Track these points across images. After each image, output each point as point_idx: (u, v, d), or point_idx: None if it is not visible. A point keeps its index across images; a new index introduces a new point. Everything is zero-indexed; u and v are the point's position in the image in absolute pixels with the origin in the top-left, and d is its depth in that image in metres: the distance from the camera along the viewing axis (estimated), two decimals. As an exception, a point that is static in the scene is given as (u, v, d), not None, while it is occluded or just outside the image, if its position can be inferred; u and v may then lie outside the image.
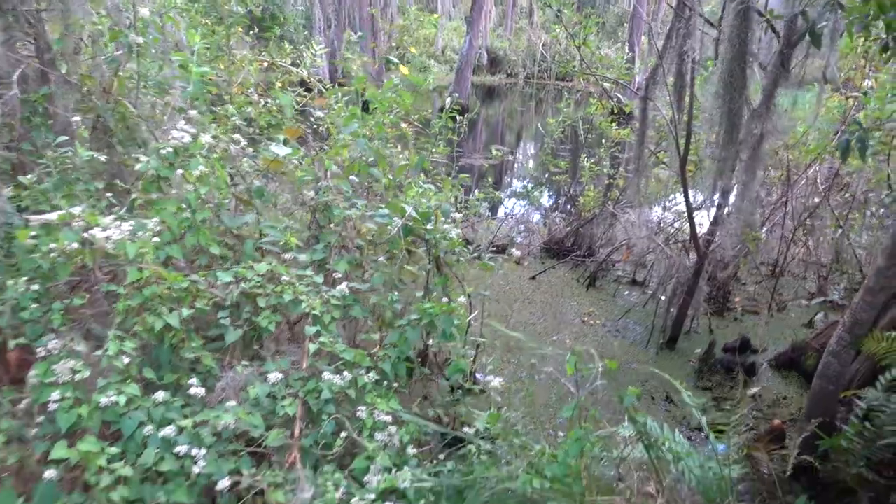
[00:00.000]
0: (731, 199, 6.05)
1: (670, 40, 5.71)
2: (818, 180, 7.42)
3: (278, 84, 6.99)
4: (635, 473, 3.29)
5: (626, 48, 22.38)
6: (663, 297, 6.43)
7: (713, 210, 6.48)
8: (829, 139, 6.84)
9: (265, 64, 7.14)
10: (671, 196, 8.50)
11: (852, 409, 3.99)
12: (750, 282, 7.77)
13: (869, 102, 6.34)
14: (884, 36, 4.15)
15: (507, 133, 19.87)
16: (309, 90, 7.01)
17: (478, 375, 4.87)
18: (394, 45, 20.15)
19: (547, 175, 9.78)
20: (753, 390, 5.26)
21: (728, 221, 5.98)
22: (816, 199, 7.50)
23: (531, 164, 14.45)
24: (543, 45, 28.06)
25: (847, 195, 7.31)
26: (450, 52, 27.36)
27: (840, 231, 7.07)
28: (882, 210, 7.02)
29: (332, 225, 3.80)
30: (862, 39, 5.69)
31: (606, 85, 7.72)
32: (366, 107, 5.40)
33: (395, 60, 5.24)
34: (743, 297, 7.36)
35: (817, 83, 6.80)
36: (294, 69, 7.24)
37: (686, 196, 6.00)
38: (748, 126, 4.07)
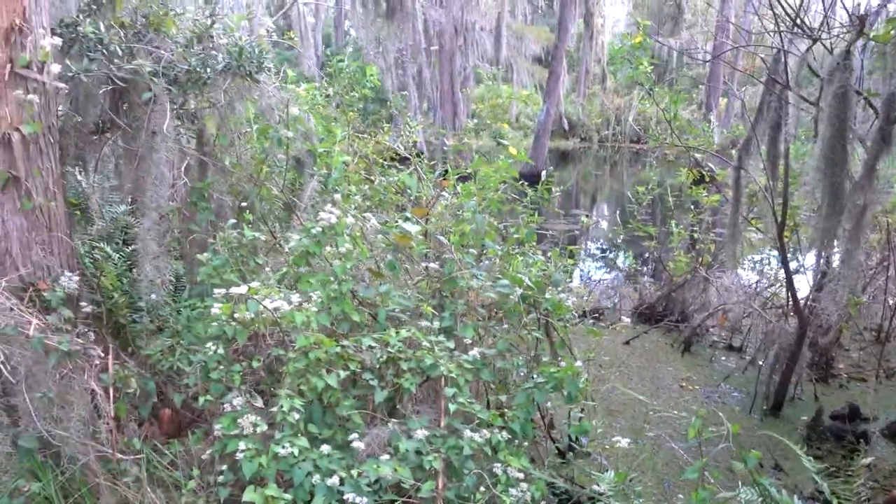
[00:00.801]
0: (833, 263, 6.09)
1: (762, 113, 5.94)
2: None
3: (381, 160, 7.60)
4: (758, 538, 3.37)
5: (703, 108, 22.51)
6: (762, 363, 6.42)
7: (810, 275, 6.50)
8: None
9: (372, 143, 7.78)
10: (765, 260, 8.50)
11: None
12: (853, 348, 7.60)
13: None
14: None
15: (581, 196, 20.17)
16: (405, 161, 7.58)
17: (583, 440, 5.03)
18: (472, 117, 21.10)
19: (629, 239, 9.97)
20: (867, 460, 5.14)
21: (831, 287, 5.99)
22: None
23: (613, 228, 14.61)
24: (617, 109, 28.55)
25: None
26: (523, 118, 28.23)
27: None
28: None
29: (455, 294, 4.18)
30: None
31: (694, 153, 7.94)
32: (464, 179, 5.86)
33: (505, 142, 5.71)
34: (847, 364, 7.21)
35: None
36: (394, 146, 7.89)
37: (785, 261, 6.07)
38: (851, 198, 4.22)
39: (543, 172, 7.28)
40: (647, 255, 10.18)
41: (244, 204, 4.59)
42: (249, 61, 4.37)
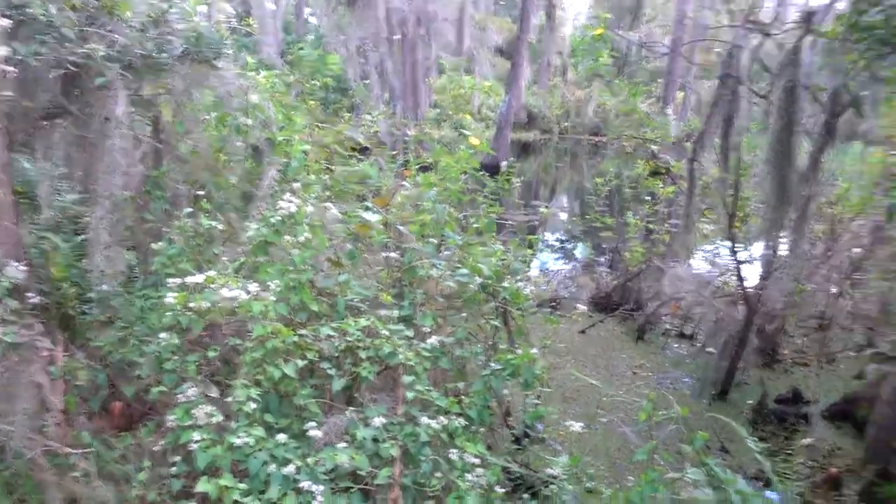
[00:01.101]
0: (779, 253, 6.31)
1: (716, 106, 6.12)
2: (862, 234, 7.60)
3: (341, 150, 7.56)
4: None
5: (661, 102, 22.93)
6: (713, 350, 6.63)
7: (759, 264, 6.74)
8: (871, 194, 7.08)
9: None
10: (717, 250, 8.75)
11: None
12: (798, 334, 7.89)
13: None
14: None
15: (541, 188, 20.35)
16: (366, 151, 7.57)
17: (538, 425, 5.13)
18: (435, 107, 21.05)
19: (587, 230, 10.14)
20: (808, 440, 5.40)
21: (777, 276, 6.23)
22: (861, 252, 7.68)
23: (571, 219, 14.82)
24: (578, 102, 28.83)
25: (892, 249, 7.46)
26: (486, 109, 28.27)
27: (887, 284, 7.20)
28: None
29: (414, 284, 4.21)
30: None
31: (651, 146, 8.12)
32: (425, 168, 5.88)
33: (467, 133, 5.74)
34: (791, 350, 7.50)
35: (860, 142, 7.12)
36: (355, 136, 7.85)
37: (734, 251, 6.28)
38: (797, 189, 4.40)
39: (504, 163, 7.35)
40: (604, 245, 10.37)
41: (201, 193, 4.52)
42: (208, 47, 4.30)
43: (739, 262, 6.36)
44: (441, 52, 23.99)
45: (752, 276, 7.15)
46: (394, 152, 7.52)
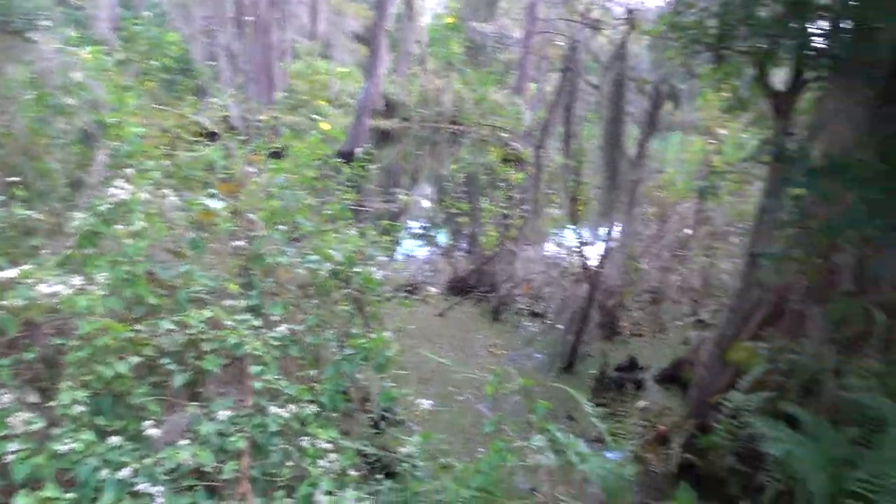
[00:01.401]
0: (616, 234, 6.84)
1: (559, 97, 6.48)
2: (687, 216, 8.44)
3: (185, 134, 7.13)
4: (547, 479, 3.76)
5: (514, 93, 23.87)
6: (561, 326, 7.07)
7: (599, 245, 7.25)
8: (692, 180, 7.87)
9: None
10: (563, 233, 9.30)
11: (721, 411, 4.69)
12: (635, 308, 8.62)
13: (723, 149, 7.41)
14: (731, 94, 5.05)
15: (403, 176, 20.49)
16: (214, 137, 7.19)
17: (396, 408, 5.20)
18: (291, 93, 20.39)
19: (447, 217, 10.38)
20: (642, 403, 5.93)
21: (614, 255, 6.75)
22: (687, 232, 8.53)
23: (432, 206, 15.07)
24: (437, 90, 29.25)
25: (711, 228, 8.36)
26: (345, 96, 27.87)
27: (707, 260, 8.07)
28: (739, 240, 8.11)
29: (263, 272, 4.08)
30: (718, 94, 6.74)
31: (502, 133, 8.45)
32: (276, 154, 5.72)
33: (317, 118, 5.63)
34: (630, 323, 8.17)
35: (682, 132, 7.84)
36: (200, 119, 7.43)
37: (575, 233, 6.72)
38: (626, 174, 4.79)
39: (359, 150, 7.30)
40: (463, 231, 10.65)
41: (16, 179, 4.08)
42: (19, 16, 3.86)
43: (582, 244, 6.81)
44: (296, 35, 23.28)
45: (595, 256, 7.70)
46: (244, 138, 7.20)
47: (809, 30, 4.16)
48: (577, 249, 6.84)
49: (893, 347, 4.54)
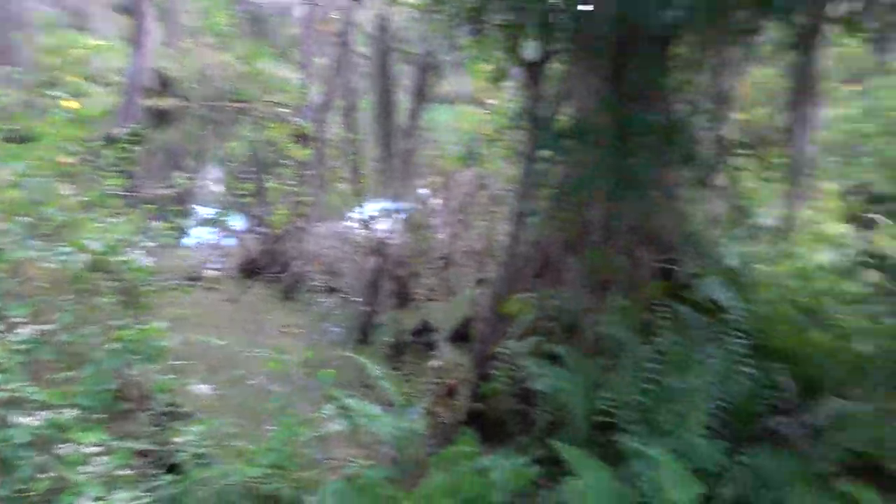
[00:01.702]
0: (400, 205, 7.08)
1: (336, 71, 6.47)
2: (466, 183, 8.96)
3: None
4: (339, 445, 3.84)
5: (300, 68, 23.27)
6: (355, 300, 7.17)
7: (389, 216, 7.44)
8: (468, 148, 8.35)
9: None
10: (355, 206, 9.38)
11: (500, 360, 5.12)
12: (428, 275, 9.00)
13: (494, 118, 7.94)
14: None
15: (187, 159, 19.10)
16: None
17: (180, 400, 4.93)
18: (40, 69, 17.86)
19: (235, 198, 9.90)
20: (434, 363, 6.27)
21: (399, 225, 6.98)
22: (469, 199, 9.06)
23: (218, 189, 14.27)
24: (218, 66, 27.47)
25: (489, 193, 8.96)
26: (111, 74, 25.08)
27: (487, 223, 8.66)
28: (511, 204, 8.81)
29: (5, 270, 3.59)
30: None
31: (284, 109, 8.23)
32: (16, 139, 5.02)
33: (66, 95, 5.02)
34: (424, 289, 8.53)
35: (458, 103, 8.26)
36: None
37: (361, 205, 6.82)
38: (400, 143, 4.94)
39: (123, 131, 6.65)
40: (253, 212, 10.23)
41: None
42: None
43: (370, 217, 6.94)
44: (41, 4, 20.42)
45: (383, 228, 7.88)
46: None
47: (549, 3, 4.58)
48: (365, 222, 6.95)
49: (634, 286, 5.29)
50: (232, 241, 9.51)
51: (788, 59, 4.51)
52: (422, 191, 8.77)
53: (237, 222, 10.65)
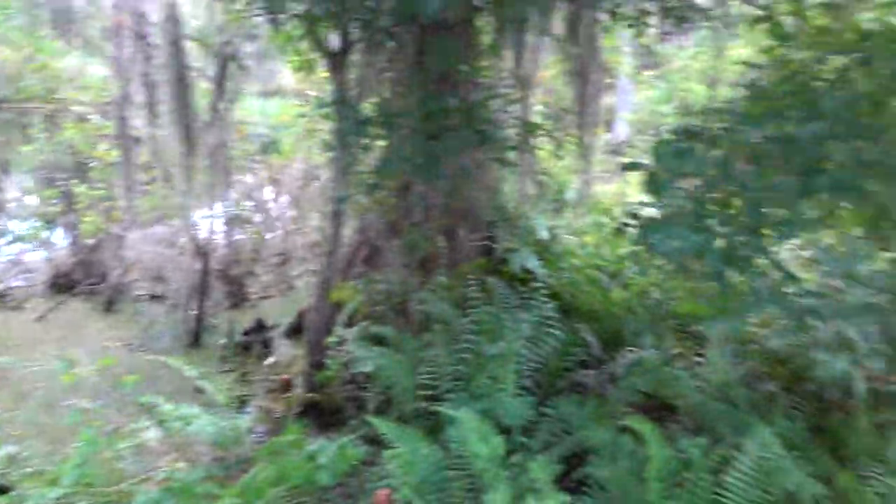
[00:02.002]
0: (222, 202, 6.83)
1: (135, 64, 6.08)
2: (296, 176, 8.84)
3: None
4: (161, 453, 3.69)
5: (109, 62, 21.44)
6: (182, 304, 6.84)
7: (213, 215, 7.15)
8: (295, 141, 8.25)
9: None
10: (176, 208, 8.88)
11: (331, 348, 5.17)
12: (264, 272, 8.79)
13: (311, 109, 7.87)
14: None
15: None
16: None
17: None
18: None
19: (39, 208, 8.99)
20: (270, 359, 6.17)
21: (225, 223, 6.75)
22: (300, 191, 8.95)
23: (29, 200, 12.86)
24: (17, 63, 24.53)
25: (318, 184, 8.91)
26: None
27: (319, 214, 8.61)
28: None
29: None
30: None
31: (81, 108, 7.59)
32: None
33: None
34: (259, 287, 8.32)
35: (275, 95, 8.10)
36: None
37: (183, 206, 6.50)
38: (202, 136, 4.78)
39: None
40: (57, 222, 9.36)
41: None
42: None
43: (188, 217, 6.64)
44: None
45: (209, 227, 7.55)
46: None
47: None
48: (187, 224, 6.64)
49: (455, 264, 5.55)
50: (42, 255, 8.65)
51: (566, 47, 4.94)
52: (249, 186, 8.55)
53: (55, 234, 9.70)
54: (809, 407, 3.88)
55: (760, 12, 4.00)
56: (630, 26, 4.54)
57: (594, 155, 5.53)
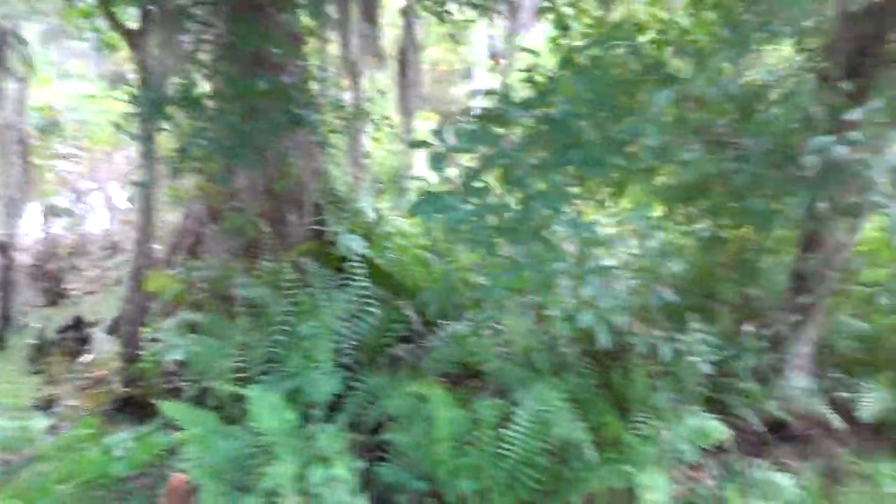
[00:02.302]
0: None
1: None
2: (122, 163, 8.35)
3: None
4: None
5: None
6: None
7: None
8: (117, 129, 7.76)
9: None
10: None
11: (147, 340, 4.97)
12: (89, 266, 8.22)
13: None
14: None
15: None
16: None
17: None
18: None
19: None
20: (88, 357, 5.82)
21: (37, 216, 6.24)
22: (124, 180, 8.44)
23: None
24: None
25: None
26: None
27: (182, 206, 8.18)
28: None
29: None
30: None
31: None
32: None
33: None
34: (83, 282, 7.78)
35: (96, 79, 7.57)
36: None
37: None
38: None
39: None
40: None
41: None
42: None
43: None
44: None
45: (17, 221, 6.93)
46: None
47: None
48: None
49: (282, 248, 5.52)
50: None
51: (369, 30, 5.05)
52: (68, 176, 7.95)
53: None
54: (599, 366, 4.30)
55: (547, 3, 4.32)
56: (436, 14, 4.72)
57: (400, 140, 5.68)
